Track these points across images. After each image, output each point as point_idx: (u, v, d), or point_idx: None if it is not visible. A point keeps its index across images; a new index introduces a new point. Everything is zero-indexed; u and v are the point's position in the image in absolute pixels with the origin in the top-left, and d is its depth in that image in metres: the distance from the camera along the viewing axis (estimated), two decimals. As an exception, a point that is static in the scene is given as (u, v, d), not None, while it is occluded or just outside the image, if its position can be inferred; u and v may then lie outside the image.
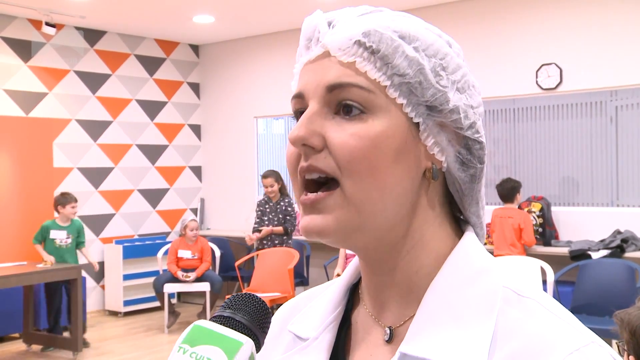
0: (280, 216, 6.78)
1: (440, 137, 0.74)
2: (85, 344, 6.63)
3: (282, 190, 6.86)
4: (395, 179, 0.72)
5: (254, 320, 0.69)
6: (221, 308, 0.70)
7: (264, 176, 6.85)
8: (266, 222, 6.84)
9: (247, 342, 0.66)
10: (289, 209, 6.79)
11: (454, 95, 0.74)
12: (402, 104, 0.72)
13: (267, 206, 6.86)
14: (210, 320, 0.68)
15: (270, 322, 0.72)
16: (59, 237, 6.70)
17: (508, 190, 6.19)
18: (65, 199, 6.71)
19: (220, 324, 0.68)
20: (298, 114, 0.77)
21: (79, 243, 6.83)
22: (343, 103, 0.72)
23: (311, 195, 0.73)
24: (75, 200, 6.76)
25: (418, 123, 0.73)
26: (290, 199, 6.87)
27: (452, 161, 0.76)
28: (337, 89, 0.72)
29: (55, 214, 6.81)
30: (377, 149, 0.71)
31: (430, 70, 0.72)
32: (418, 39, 0.73)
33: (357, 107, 0.72)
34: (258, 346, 0.69)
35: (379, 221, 0.73)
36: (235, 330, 0.67)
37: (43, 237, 6.68)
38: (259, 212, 6.90)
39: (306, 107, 0.75)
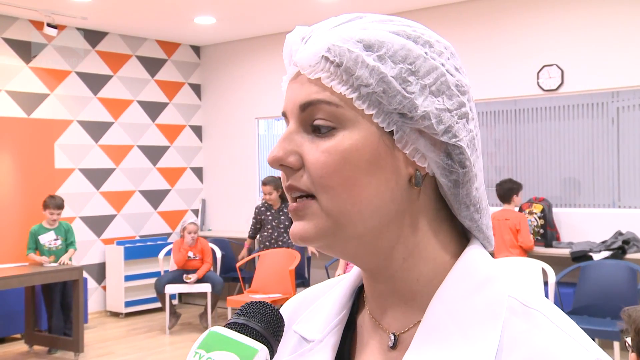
0: (287, 223, 6.76)
1: (419, 143, 0.73)
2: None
3: (284, 197, 6.82)
4: (372, 191, 0.72)
5: (268, 328, 0.70)
6: (235, 315, 0.71)
7: (264, 183, 6.81)
8: (269, 230, 6.83)
9: (262, 350, 0.67)
10: None
11: (426, 100, 0.72)
12: (371, 115, 0.72)
13: (268, 213, 6.83)
14: (225, 326, 0.69)
15: (283, 331, 0.73)
16: (47, 239, 6.65)
17: (505, 191, 6.18)
18: (47, 203, 6.63)
19: (235, 330, 0.68)
20: None
21: (69, 244, 6.76)
22: (314, 124, 0.73)
23: (294, 204, 0.75)
24: (57, 207, 6.63)
25: (392, 132, 0.73)
26: None
27: (435, 167, 0.74)
28: (308, 107, 0.73)
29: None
30: (348, 162, 0.71)
31: (394, 78, 0.71)
32: (384, 45, 0.72)
33: (326, 126, 0.72)
34: (272, 353, 0.70)
35: (360, 230, 0.73)
36: (250, 337, 0.68)
37: (35, 244, 6.63)
38: (256, 220, 6.87)
39: None
